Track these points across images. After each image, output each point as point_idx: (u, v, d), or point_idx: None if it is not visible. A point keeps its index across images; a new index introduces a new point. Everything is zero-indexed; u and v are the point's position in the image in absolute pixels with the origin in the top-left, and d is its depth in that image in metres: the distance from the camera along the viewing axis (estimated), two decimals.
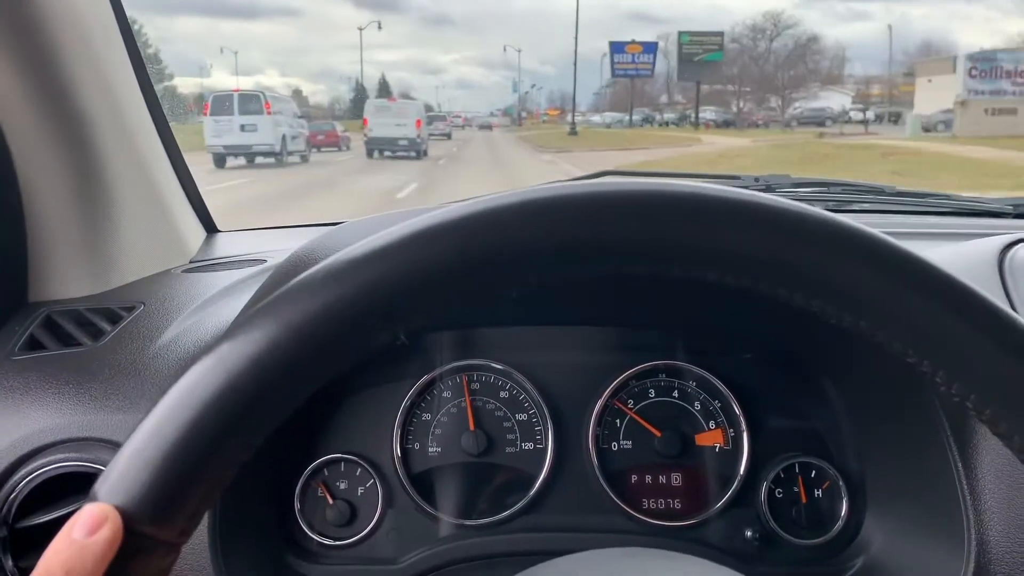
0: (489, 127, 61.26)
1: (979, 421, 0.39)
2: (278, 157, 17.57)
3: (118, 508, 0.33)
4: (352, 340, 0.37)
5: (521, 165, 20.93)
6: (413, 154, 22.71)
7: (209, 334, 0.87)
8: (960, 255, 0.92)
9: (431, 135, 37.71)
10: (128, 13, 1.07)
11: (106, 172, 1.02)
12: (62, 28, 0.92)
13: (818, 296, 0.38)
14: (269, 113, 17.14)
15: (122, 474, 0.33)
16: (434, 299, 0.37)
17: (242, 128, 16.71)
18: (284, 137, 17.88)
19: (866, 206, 1.40)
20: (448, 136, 39.15)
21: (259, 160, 17.49)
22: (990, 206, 1.37)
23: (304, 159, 20.05)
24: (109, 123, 1.02)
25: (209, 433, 0.34)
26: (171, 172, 1.21)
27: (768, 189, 1.38)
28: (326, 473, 0.90)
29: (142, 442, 0.34)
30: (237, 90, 18.47)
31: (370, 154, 22.95)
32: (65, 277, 1.00)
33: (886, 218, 1.36)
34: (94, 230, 1.02)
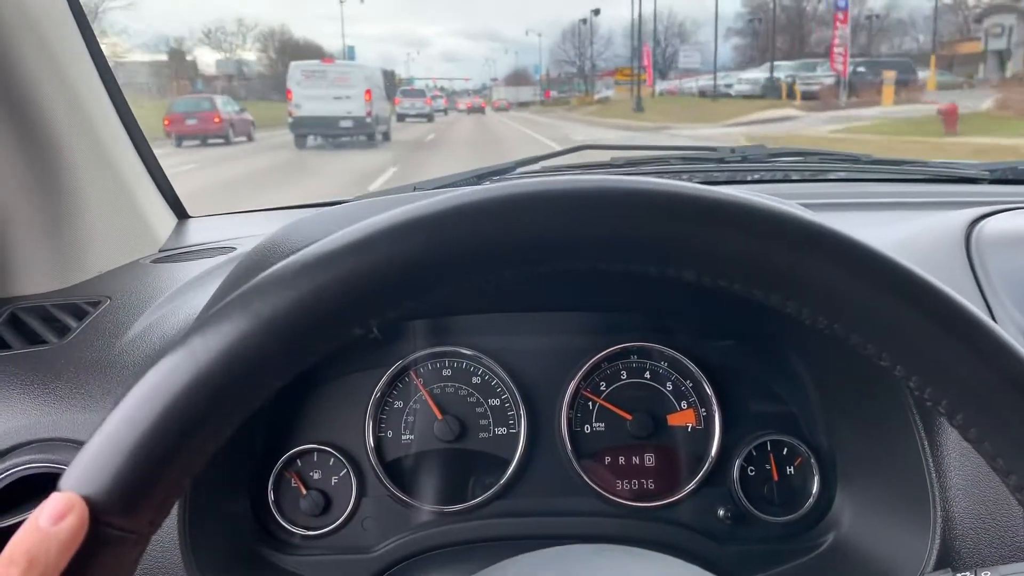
0: (480, 110, 47.37)
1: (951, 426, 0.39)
2: None
3: (85, 497, 0.33)
4: (323, 334, 0.37)
5: None
6: (363, 138, 16.19)
7: (175, 328, 0.86)
8: (928, 229, 0.92)
9: (408, 117, 30.40)
10: None
11: (68, 163, 1.00)
12: (11, 15, 0.90)
13: (793, 299, 0.38)
14: None
15: (89, 464, 0.34)
16: (408, 293, 0.37)
17: None
18: None
19: (842, 175, 1.39)
20: (429, 118, 32.15)
21: None
22: (966, 172, 1.36)
23: None
24: (67, 112, 1.00)
25: (178, 425, 0.34)
26: (136, 159, 1.19)
27: (744, 160, 1.37)
28: (299, 464, 0.90)
29: (111, 433, 0.34)
30: None
31: (299, 141, 15.87)
32: (30, 273, 0.98)
33: (861, 186, 1.36)
34: (58, 224, 1.00)
